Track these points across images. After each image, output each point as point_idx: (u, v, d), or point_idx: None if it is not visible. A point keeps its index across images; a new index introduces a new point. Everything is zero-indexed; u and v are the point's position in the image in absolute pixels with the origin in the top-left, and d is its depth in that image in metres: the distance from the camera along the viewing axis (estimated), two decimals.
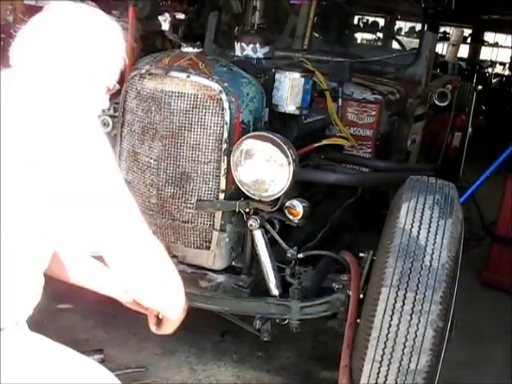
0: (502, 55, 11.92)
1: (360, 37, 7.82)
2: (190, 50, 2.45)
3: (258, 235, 2.31)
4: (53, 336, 1.47)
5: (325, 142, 2.85)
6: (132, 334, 2.92)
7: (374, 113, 3.31)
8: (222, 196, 2.39)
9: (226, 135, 2.34)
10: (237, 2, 4.59)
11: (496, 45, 12.22)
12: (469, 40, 11.06)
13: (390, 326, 1.80)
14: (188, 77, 2.34)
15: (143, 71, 2.45)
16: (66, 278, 1.68)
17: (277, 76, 2.55)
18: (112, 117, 2.88)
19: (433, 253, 1.86)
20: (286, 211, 2.29)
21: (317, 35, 4.52)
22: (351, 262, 2.28)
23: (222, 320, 2.51)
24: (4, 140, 1.25)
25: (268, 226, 2.34)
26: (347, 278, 2.25)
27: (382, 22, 7.28)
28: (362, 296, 2.12)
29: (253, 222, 2.30)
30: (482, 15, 9.79)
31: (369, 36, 8.09)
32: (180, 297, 1.55)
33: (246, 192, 2.29)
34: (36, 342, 1.44)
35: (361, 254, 2.31)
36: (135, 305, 1.69)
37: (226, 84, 2.34)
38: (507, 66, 11.11)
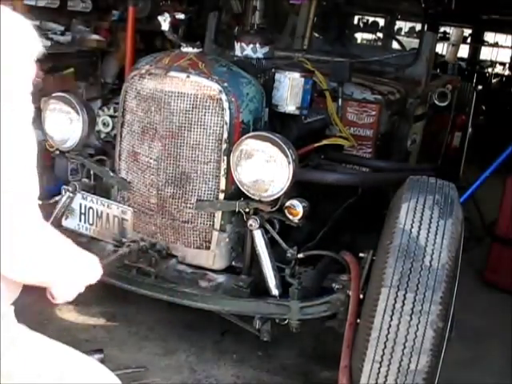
0: (502, 55, 11.91)
1: (360, 37, 7.81)
2: (189, 50, 2.45)
3: (258, 235, 2.31)
4: (53, 336, 1.47)
5: (325, 142, 2.86)
6: (132, 334, 2.92)
7: (374, 113, 3.31)
8: (221, 196, 2.39)
9: (225, 135, 2.34)
10: (237, 1, 4.59)
11: (496, 45, 12.20)
12: (469, 40, 11.05)
13: (390, 326, 1.80)
14: (188, 77, 2.35)
15: (143, 71, 2.45)
16: None
17: (277, 76, 2.56)
18: (112, 117, 2.88)
19: (433, 253, 1.87)
20: (285, 211, 2.29)
21: (317, 35, 4.53)
22: (351, 262, 2.28)
23: (222, 320, 2.51)
24: None
25: (268, 226, 2.34)
26: (347, 278, 2.25)
27: (382, 22, 7.27)
28: (361, 296, 2.12)
29: (253, 222, 2.30)
30: (482, 15, 9.78)
31: (369, 36, 8.08)
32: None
33: (245, 192, 2.29)
34: (36, 341, 1.44)
35: (361, 254, 2.31)
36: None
37: (225, 84, 2.34)
38: (507, 66, 11.10)
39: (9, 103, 1.31)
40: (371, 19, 7.88)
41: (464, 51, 10.51)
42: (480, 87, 8.22)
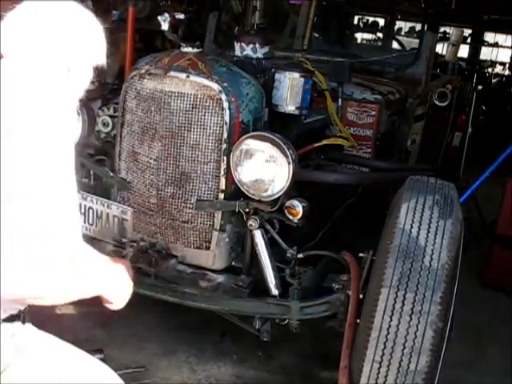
0: (502, 55, 11.91)
1: (360, 37, 7.82)
2: (189, 50, 2.45)
3: (258, 235, 2.31)
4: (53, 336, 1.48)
5: (325, 142, 2.85)
6: (132, 334, 2.92)
7: (373, 113, 3.31)
8: (221, 196, 2.39)
9: (225, 135, 2.34)
10: (237, 2, 4.60)
11: (496, 45, 12.20)
12: (469, 40, 11.04)
13: (390, 326, 1.80)
14: (187, 77, 2.34)
15: (143, 71, 2.45)
16: None
17: (276, 76, 2.55)
18: (112, 117, 2.88)
19: (432, 253, 1.86)
20: (285, 211, 2.29)
21: (317, 35, 4.52)
22: (351, 262, 2.28)
23: (221, 320, 2.51)
24: None
25: (268, 226, 2.34)
26: (347, 278, 2.25)
27: (382, 22, 7.28)
28: (361, 296, 2.12)
29: (252, 222, 2.30)
30: (482, 15, 9.78)
31: (369, 36, 8.09)
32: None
33: (245, 192, 2.29)
34: (40, 338, 1.44)
35: (361, 254, 2.31)
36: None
37: (225, 84, 2.34)
38: (507, 65, 11.09)
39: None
40: (371, 19, 7.89)
41: (464, 51, 10.50)
42: (480, 87, 8.22)
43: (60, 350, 1.48)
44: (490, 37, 12.20)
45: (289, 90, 2.52)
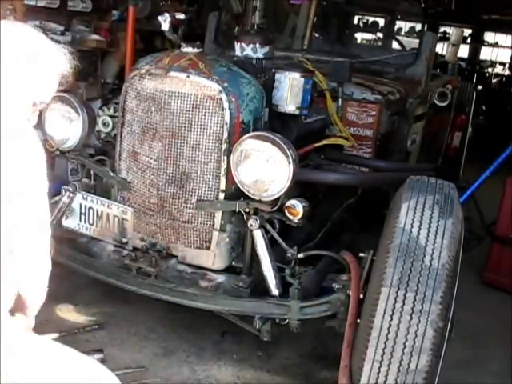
0: (502, 55, 11.91)
1: (360, 37, 7.80)
2: (189, 50, 2.45)
3: (258, 235, 2.31)
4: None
5: (325, 142, 2.86)
6: (132, 334, 2.92)
7: (373, 113, 3.31)
8: (222, 196, 2.39)
9: (225, 135, 2.34)
10: (237, 2, 4.59)
11: (496, 45, 12.20)
12: (469, 40, 11.05)
13: (390, 325, 1.80)
14: (188, 77, 2.35)
15: (143, 71, 2.45)
16: None
17: (277, 76, 2.56)
18: (112, 117, 2.88)
19: (433, 253, 1.87)
20: (285, 211, 2.29)
21: (317, 35, 4.52)
22: (351, 262, 2.28)
23: (222, 320, 2.51)
24: None
25: (268, 226, 2.34)
26: (347, 278, 2.25)
27: (382, 22, 7.27)
28: (361, 296, 2.12)
29: (253, 222, 2.30)
30: (482, 15, 9.78)
31: (369, 36, 8.07)
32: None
33: (246, 192, 2.30)
34: (35, 342, 1.44)
35: (361, 254, 2.31)
36: None
37: (225, 84, 2.34)
38: (507, 66, 11.10)
39: None
40: (371, 19, 7.87)
41: (464, 51, 10.51)
42: (480, 87, 8.22)
43: (56, 351, 1.47)
44: (490, 37, 12.20)
45: (289, 90, 2.53)
